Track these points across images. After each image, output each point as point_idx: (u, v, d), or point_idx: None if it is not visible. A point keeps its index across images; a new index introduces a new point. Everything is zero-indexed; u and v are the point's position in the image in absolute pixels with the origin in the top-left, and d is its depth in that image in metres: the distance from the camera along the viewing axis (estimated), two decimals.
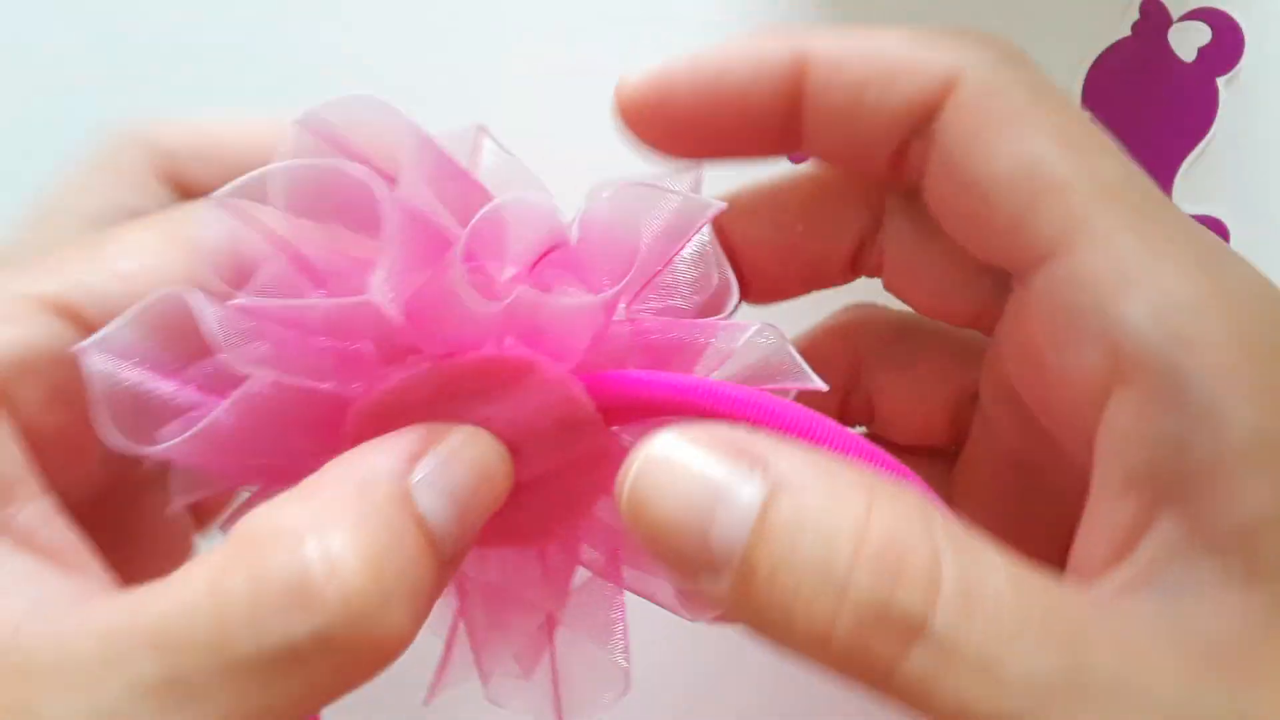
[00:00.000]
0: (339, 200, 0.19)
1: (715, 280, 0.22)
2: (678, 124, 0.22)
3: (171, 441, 0.18)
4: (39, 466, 0.19)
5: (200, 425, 0.18)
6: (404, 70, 0.35)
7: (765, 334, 0.21)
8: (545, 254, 0.20)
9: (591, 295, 0.20)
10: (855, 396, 0.26)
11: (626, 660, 0.22)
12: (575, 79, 0.35)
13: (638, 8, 0.35)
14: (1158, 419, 0.18)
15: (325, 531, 0.16)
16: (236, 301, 0.18)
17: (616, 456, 0.19)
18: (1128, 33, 0.34)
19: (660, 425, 0.20)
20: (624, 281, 0.20)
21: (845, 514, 0.16)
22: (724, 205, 0.22)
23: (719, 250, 0.22)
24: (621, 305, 0.21)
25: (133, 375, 0.19)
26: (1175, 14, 0.34)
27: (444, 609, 0.23)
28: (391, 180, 0.19)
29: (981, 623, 0.16)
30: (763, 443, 0.17)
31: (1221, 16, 0.34)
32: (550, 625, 0.23)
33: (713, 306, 0.22)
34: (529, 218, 0.20)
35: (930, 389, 0.25)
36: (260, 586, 0.16)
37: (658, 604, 0.22)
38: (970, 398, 0.25)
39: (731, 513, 0.16)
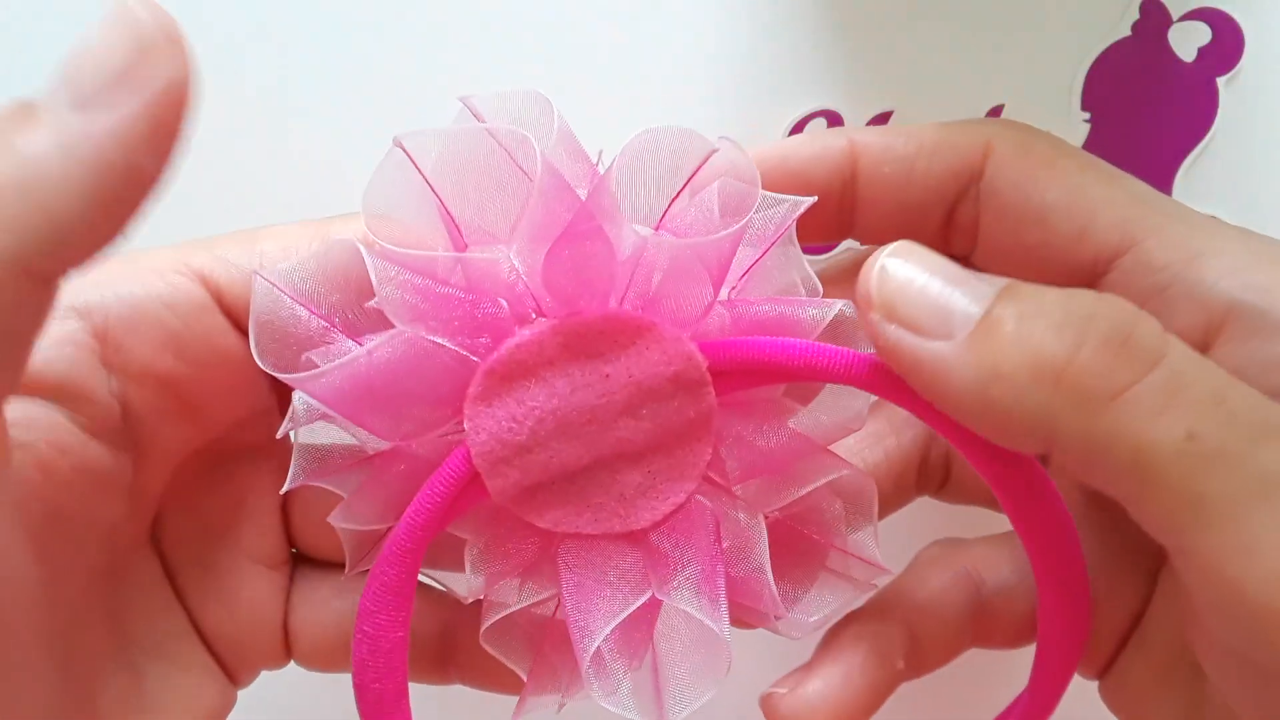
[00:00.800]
0: (489, 170, 0.21)
1: (799, 286, 0.23)
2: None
3: (313, 371, 0.20)
4: (137, 410, 0.21)
5: (342, 360, 0.20)
6: (404, 70, 0.35)
7: (847, 310, 0.22)
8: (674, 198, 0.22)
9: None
10: (933, 454, 0.27)
11: (728, 638, 0.22)
12: (575, 78, 0.35)
13: (637, 7, 0.35)
14: (1262, 347, 0.21)
15: None
16: (393, 250, 0.20)
17: (711, 430, 0.22)
18: (1128, 33, 0.34)
19: (766, 392, 0.23)
20: (746, 218, 0.21)
21: (1083, 293, 0.20)
22: (813, 200, 0.23)
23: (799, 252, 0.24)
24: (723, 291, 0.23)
25: (292, 309, 0.21)
26: (1175, 14, 0.34)
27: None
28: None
29: (1210, 366, 0.19)
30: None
31: (1221, 16, 0.34)
32: (653, 612, 0.23)
33: None
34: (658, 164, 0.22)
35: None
36: None
37: (753, 603, 0.23)
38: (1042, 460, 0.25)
39: (976, 283, 0.19)
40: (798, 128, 0.36)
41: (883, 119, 0.36)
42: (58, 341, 0.20)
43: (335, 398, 0.20)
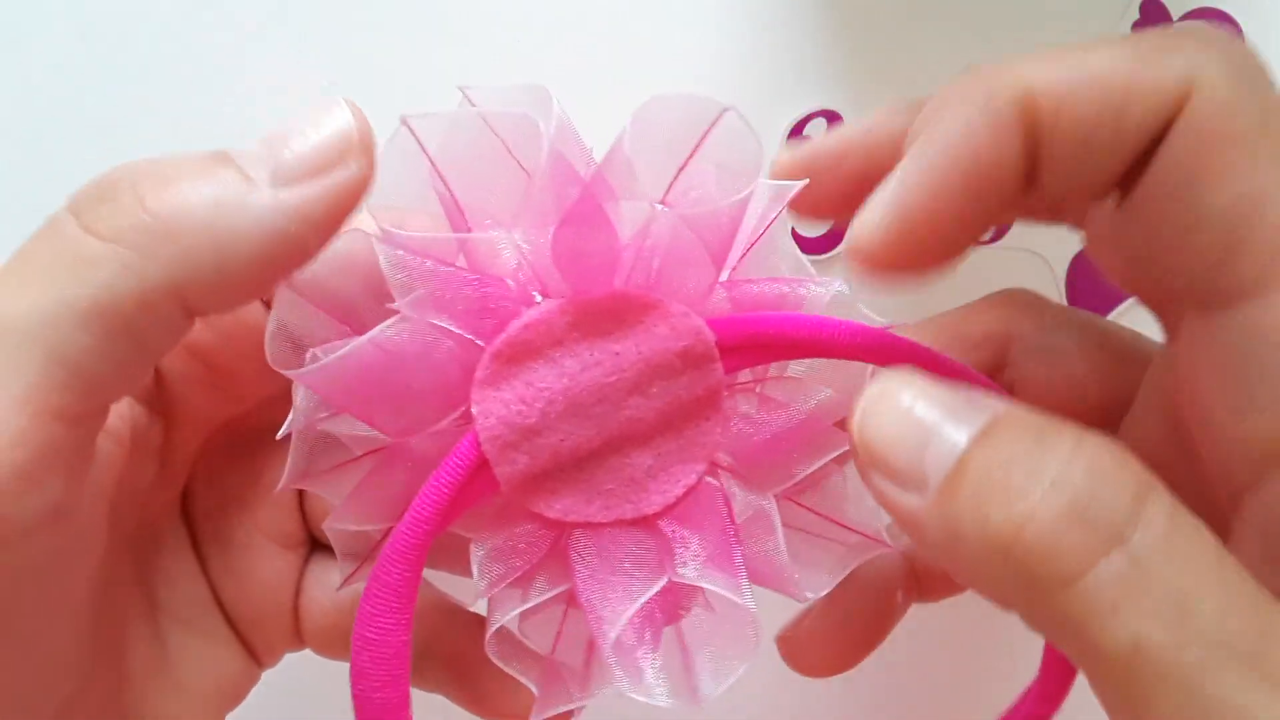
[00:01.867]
0: (493, 153, 0.21)
1: (783, 266, 0.23)
2: (936, 239, 0.19)
3: (314, 365, 0.20)
4: (168, 378, 0.22)
5: (343, 350, 0.20)
6: (404, 71, 0.35)
7: (844, 288, 0.22)
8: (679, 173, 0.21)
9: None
10: (1002, 377, 0.24)
11: (754, 608, 0.22)
12: (575, 78, 0.35)
13: (637, 7, 0.35)
14: None
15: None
16: (398, 233, 0.20)
17: (719, 409, 0.21)
18: (1128, 33, 0.34)
19: (774, 368, 0.22)
20: (749, 190, 0.21)
21: (1064, 434, 0.17)
22: (805, 183, 0.22)
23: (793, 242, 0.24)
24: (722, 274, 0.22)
25: (308, 313, 0.21)
26: (1175, 14, 0.34)
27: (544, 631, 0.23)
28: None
29: (1184, 557, 0.15)
30: (991, 394, 0.18)
31: (1221, 16, 0.34)
32: (671, 597, 0.22)
33: None
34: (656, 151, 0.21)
35: (1083, 389, 0.23)
36: None
37: (765, 582, 0.23)
38: (1122, 405, 0.23)
39: (951, 431, 0.17)
40: (798, 128, 0.36)
41: None
42: None
43: (338, 391, 0.20)
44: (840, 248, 0.37)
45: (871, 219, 0.19)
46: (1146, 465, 0.18)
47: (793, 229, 0.37)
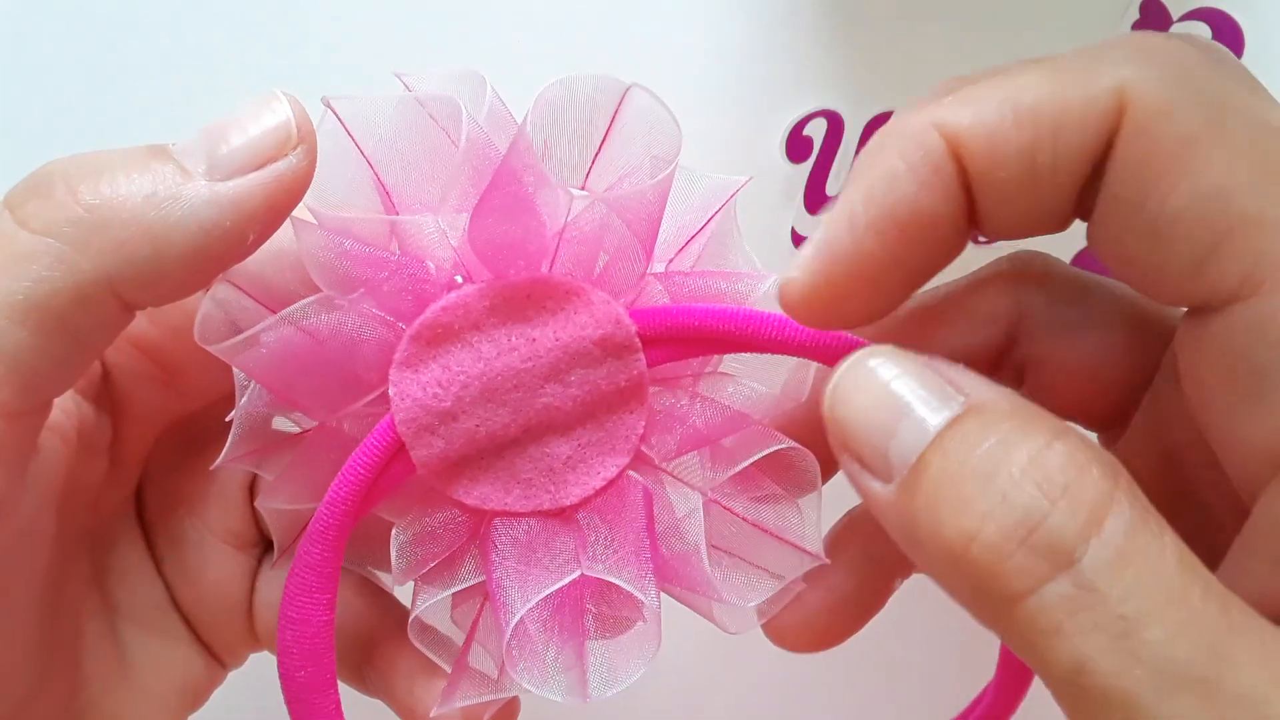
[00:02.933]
0: (418, 137, 0.21)
1: (741, 266, 0.23)
2: (861, 287, 0.19)
3: (235, 339, 0.20)
4: (116, 373, 0.22)
5: (263, 326, 0.20)
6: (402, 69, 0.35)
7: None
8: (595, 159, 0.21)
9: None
10: (1013, 355, 0.23)
11: (657, 620, 0.22)
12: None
13: (637, 8, 0.35)
14: None
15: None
16: (321, 213, 0.20)
17: (644, 401, 0.21)
18: (1128, 33, 0.34)
19: (697, 362, 0.22)
20: (671, 168, 0.21)
21: (1027, 438, 0.16)
22: (750, 178, 0.22)
23: (740, 234, 0.23)
24: (657, 267, 0.22)
25: (239, 299, 0.21)
26: (1175, 14, 0.34)
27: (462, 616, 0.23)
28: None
29: (1133, 583, 0.15)
30: (968, 374, 0.18)
31: (1221, 16, 0.34)
32: (581, 591, 0.22)
33: None
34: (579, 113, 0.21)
35: (1100, 365, 0.22)
36: None
37: (695, 609, 0.23)
38: (1143, 382, 0.22)
39: (919, 423, 0.17)
40: (798, 128, 0.36)
41: (883, 119, 0.36)
42: None
43: (263, 369, 0.20)
44: None
45: (795, 265, 0.19)
46: (1159, 449, 0.18)
47: (792, 228, 0.37)
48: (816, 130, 0.36)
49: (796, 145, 0.36)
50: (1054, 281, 0.22)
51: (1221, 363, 0.18)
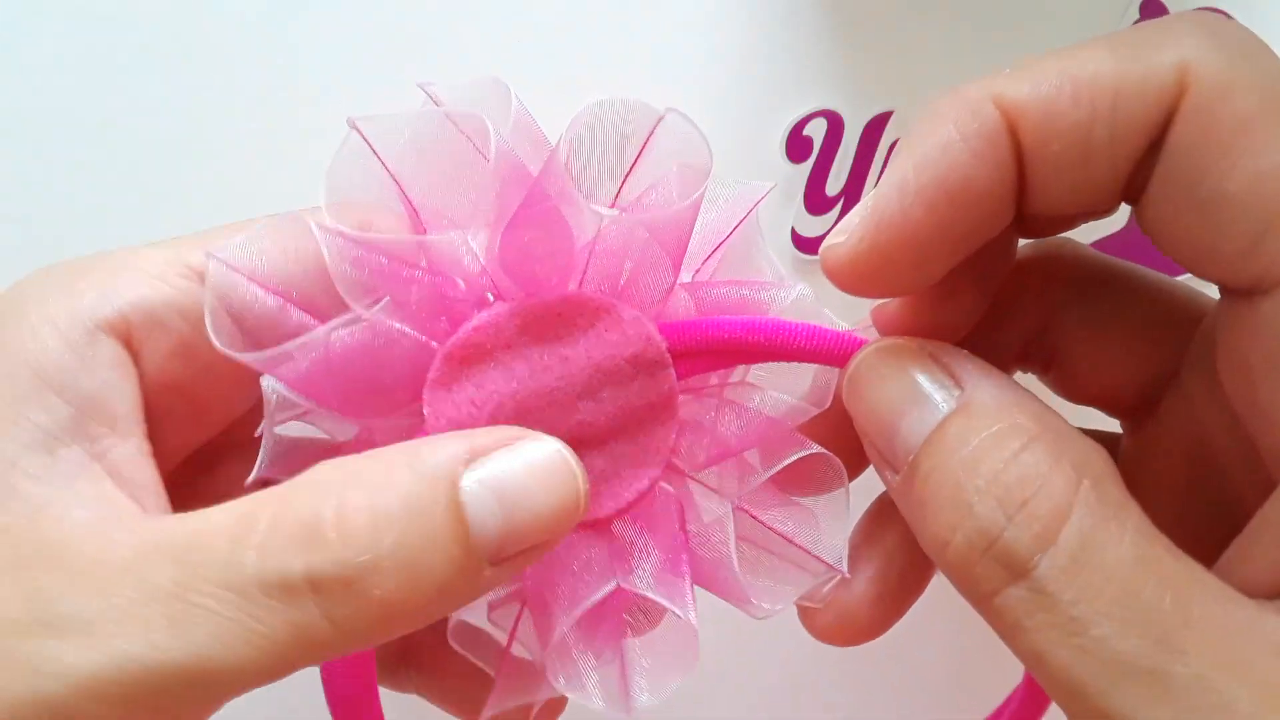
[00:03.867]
0: (448, 155, 0.21)
1: (766, 273, 0.23)
2: (908, 255, 0.19)
3: (270, 351, 0.20)
4: (145, 412, 0.21)
5: (300, 341, 0.20)
6: (400, 68, 0.35)
7: (806, 291, 0.22)
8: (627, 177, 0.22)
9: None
10: (1042, 342, 0.23)
11: (696, 624, 0.22)
12: (575, 79, 0.35)
13: (637, 8, 0.35)
14: None
15: (355, 486, 0.18)
16: (350, 232, 0.20)
17: (674, 414, 0.22)
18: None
19: (723, 374, 0.22)
20: (700, 189, 0.21)
21: (999, 447, 0.18)
22: (773, 185, 0.23)
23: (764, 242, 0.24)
24: (684, 276, 0.22)
25: (246, 286, 0.20)
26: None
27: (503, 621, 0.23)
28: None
29: (1084, 585, 0.17)
30: (968, 365, 0.19)
31: (1221, 16, 0.34)
32: (619, 602, 0.22)
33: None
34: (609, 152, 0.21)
35: (1129, 354, 0.22)
36: (279, 519, 0.17)
37: (718, 591, 0.23)
38: (1170, 371, 0.22)
39: (918, 418, 0.18)
40: (798, 128, 0.36)
41: (883, 119, 0.36)
42: (108, 364, 0.20)
43: (298, 379, 0.20)
44: None
45: (841, 231, 0.19)
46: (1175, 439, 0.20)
47: (792, 228, 0.37)
48: (816, 130, 0.36)
49: (796, 145, 0.36)
50: (1085, 268, 0.22)
51: (1270, 345, 0.18)
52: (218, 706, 0.18)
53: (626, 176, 0.21)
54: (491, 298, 0.21)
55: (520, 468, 0.18)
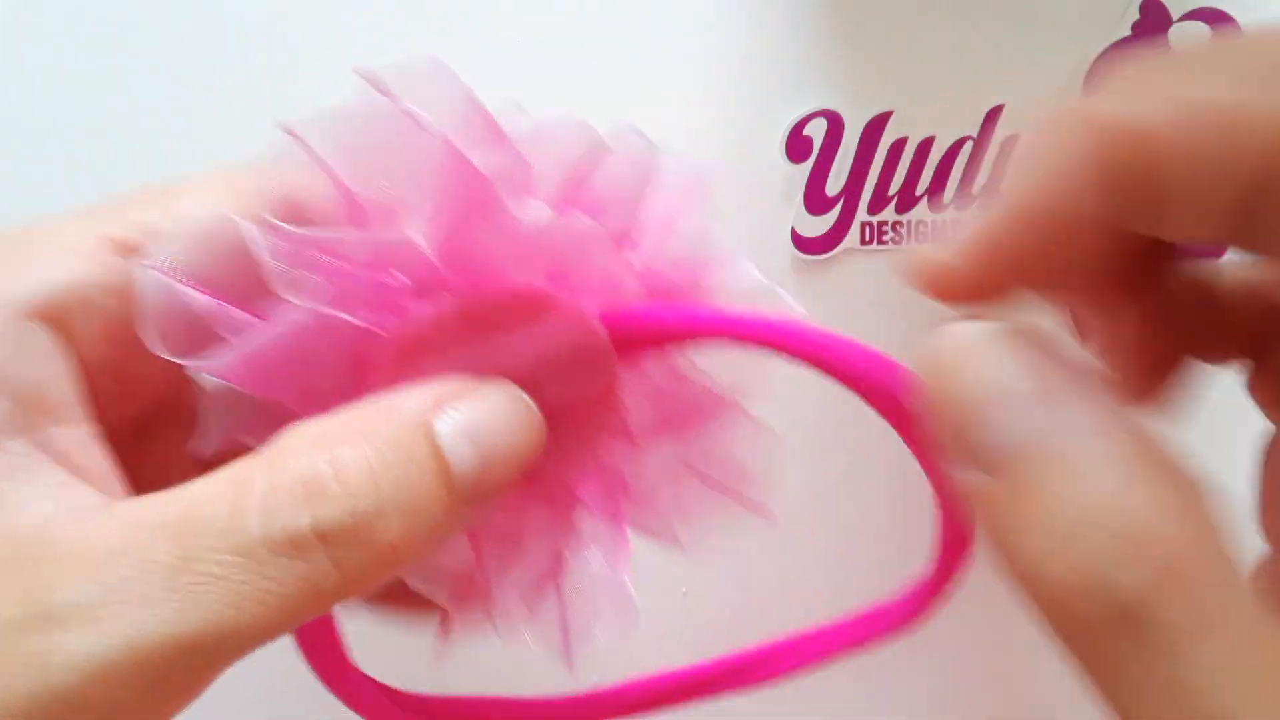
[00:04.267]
0: (388, 145, 0.21)
1: (715, 249, 0.23)
2: (1009, 281, 0.18)
3: (215, 357, 0.20)
4: (87, 396, 0.21)
5: (242, 342, 0.20)
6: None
7: (755, 273, 0.22)
8: (573, 185, 0.22)
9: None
10: (1269, 373, 0.21)
11: (633, 586, 0.23)
12: (575, 79, 0.35)
13: (637, 8, 0.35)
14: None
15: (341, 442, 0.18)
16: (284, 228, 0.20)
17: (616, 405, 0.22)
18: (1128, 33, 0.34)
19: (666, 361, 0.22)
20: (648, 171, 0.21)
21: (1110, 474, 0.15)
22: (720, 167, 0.23)
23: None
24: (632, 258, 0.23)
25: (183, 291, 0.20)
26: (1175, 14, 0.34)
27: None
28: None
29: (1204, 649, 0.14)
30: (1069, 381, 0.16)
31: (1221, 16, 0.34)
32: (558, 561, 0.23)
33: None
34: (558, 149, 0.21)
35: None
36: (275, 481, 0.18)
37: (657, 540, 0.24)
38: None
39: (1010, 421, 0.16)
40: (798, 128, 0.36)
41: (883, 119, 0.36)
42: (45, 352, 0.20)
43: (241, 375, 0.20)
44: (839, 248, 0.37)
45: (945, 248, 0.18)
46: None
47: (792, 228, 0.37)
48: (816, 130, 0.36)
49: (796, 145, 0.36)
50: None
51: None
52: (229, 666, 0.18)
53: (576, 179, 0.22)
54: (439, 290, 0.21)
55: (485, 411, 0.20)
